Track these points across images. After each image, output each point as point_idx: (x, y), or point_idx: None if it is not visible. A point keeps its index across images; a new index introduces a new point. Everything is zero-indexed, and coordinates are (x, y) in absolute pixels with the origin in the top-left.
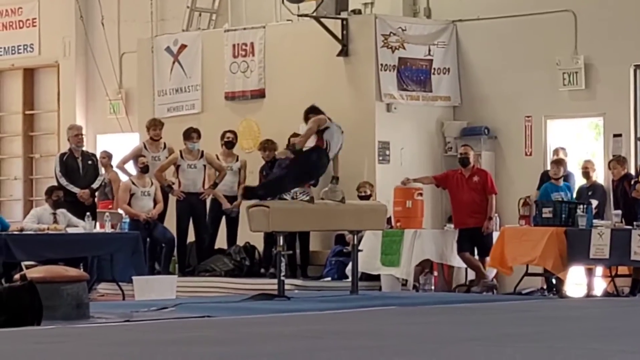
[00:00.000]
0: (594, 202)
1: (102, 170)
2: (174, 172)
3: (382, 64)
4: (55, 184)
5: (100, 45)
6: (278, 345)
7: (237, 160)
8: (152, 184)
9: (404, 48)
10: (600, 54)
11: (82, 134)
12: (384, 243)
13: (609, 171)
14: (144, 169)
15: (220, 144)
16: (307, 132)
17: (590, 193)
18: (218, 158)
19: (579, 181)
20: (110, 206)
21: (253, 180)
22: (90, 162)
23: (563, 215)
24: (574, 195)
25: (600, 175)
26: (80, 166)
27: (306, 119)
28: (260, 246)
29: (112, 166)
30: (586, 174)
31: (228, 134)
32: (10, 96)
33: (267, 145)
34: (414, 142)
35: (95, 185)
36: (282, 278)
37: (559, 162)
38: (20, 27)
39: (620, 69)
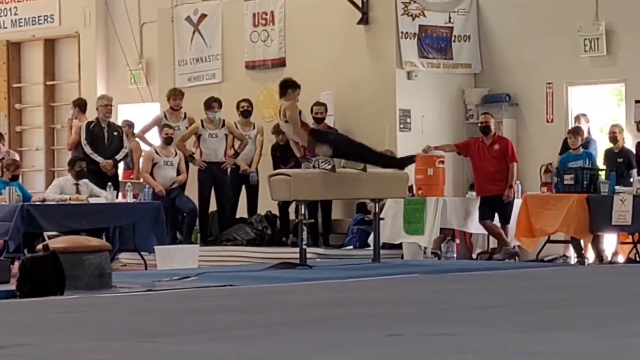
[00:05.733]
0: (633, 173)
1: (126, 143)
2: (195, 142)
3: (402, 32)
4: (70, 153)
5: (120, 15)
6: (300, 314)
7: (254, 128)
8: (175, 154)
9: (424, 15)
10: (621, 20)
11: (111, 105)
12: (406, 211)
13: (634, 136)
14: (167, 140)
15: (237, 113)
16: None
17: (620, 160)
18: (237, 127)
19: (601, 147)
20: (132, 176)
21: (267, 146)
22: (116, 133)
23: (585, 182)
24: (597, 161)
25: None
26: (105, 136)
27: (283, 93)
28: None
29: (133, 135)
30: (614, 138)
31: (243, 103)
32: (31, 67)
33: (281, 129)
34: (435, 109)
35: (119, 157)
36: (304, 247)
37: (576, 132)
38: None
39: None
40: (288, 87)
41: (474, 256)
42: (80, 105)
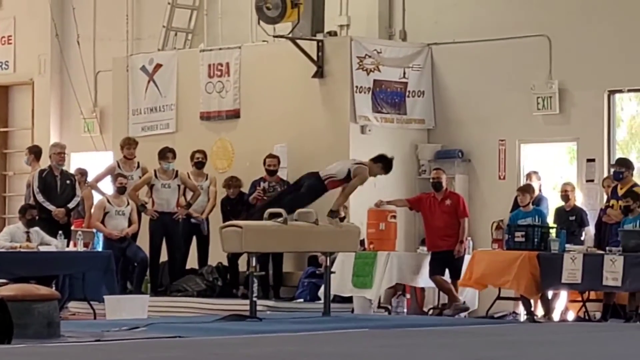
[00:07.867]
0: (586, 230)
1: (79, 191)
2: (148, 192)
3: (357, 86)
4: (24, 202)
5: (75, 63)
6: None
7: (206, 179)
8: (127, 203)
9: (379, 70)
10: (574, 79)
11: (65, 153)
12: (356, 265)
13: (585, 195)
14: (120, 189)
15: (190, 164)
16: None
17: (572, 218)
18: (189, 177)
19: (553, 205)
20: (83, 225)
21: (220, 198)
22: (68, 181)
23: (536, 240)
24: (548, 219)
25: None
26: (58, 184)
27: (375, 160)
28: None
29: (86, 183)
30: (566, 197)
31: (197, 155)
32: None
33: (232, 183)
34: None
35: (71, 205)
36: (254, 299)
37: (525, 190)
38: None
39: (594, 94)
40: (381, 161)
41: (425, 311)
42: (36, 152)
